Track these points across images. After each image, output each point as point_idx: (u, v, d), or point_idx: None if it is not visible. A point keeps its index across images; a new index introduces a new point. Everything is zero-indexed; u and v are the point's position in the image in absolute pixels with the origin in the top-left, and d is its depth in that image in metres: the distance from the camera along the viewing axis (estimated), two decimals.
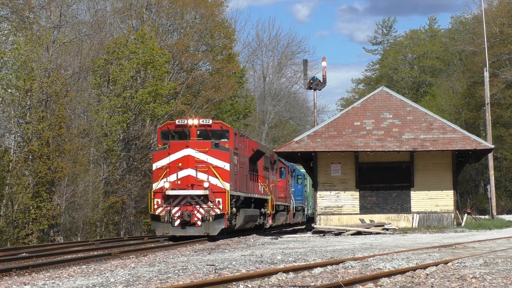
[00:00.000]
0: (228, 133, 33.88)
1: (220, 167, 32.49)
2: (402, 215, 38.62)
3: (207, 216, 31.98)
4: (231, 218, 33.83)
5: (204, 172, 32.33)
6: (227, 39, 63.27)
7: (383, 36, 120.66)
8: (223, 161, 32.58)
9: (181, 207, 32.18)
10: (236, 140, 34.48)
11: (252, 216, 38.45)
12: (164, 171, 32.45)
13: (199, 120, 33.69)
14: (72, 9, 47.72)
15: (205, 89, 60.43)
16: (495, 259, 19.16)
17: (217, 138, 33.51)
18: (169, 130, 33.86)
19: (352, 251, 23.01)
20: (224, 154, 32.69)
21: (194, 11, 59.59)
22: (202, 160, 32.44)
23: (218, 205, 32.23)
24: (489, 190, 55.35)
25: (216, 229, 32.07)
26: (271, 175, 46.11)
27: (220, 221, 32.10)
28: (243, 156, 36.35)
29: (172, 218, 32.07)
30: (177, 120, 33.93)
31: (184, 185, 32.29)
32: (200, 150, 32.48)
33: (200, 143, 32.83)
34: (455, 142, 37.92)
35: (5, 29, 39.43)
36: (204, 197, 32.22)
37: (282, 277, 15.01)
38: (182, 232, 32.10)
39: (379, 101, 39.96)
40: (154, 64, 49.44)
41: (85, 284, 14.87)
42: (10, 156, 37.13)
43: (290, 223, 54.59)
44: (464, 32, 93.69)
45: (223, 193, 32.28)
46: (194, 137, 33.28)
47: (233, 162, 33.50)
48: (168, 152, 32.67)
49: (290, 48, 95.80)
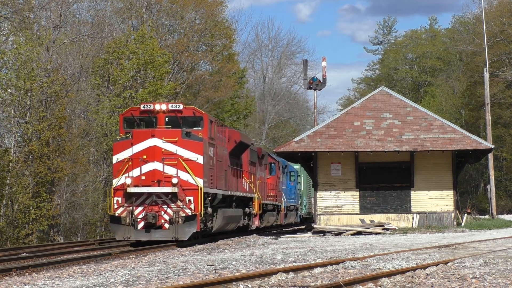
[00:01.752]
0: (202, 121, 29.49)
1: (192, 160, 28.15)
2: (402, 215, 38.62)
3: (176, 218, 27.63)
4: (206, 220, 29.75)
5: (172, 166, 27.97)
6: (227, 39, 63.30)
7: (383, 36, 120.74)
8: (196, 153, 28.27)
9: (146, 207, 27.82)
10: (212, 129, 30.25)
11: (233, 217, 34.33)
12: (126, 165, 28.14)
13: (168, 105, 29.31)
14: (72, 9, 47.75)
15: (205, 89, 60.45)
16: (495, 259, 19.16)
17: (189, 126, 29.17)
18: (133, 117, 29.43)
19: (352, 251, 23.01)
20: (196, 145, 28.36)
21: (194, 11, 59.61)
22: (170, 151, 28.08)
23: (189, 204, 27.84)
24: (489, 190, 55.35)
25: (186, 232, 27.70)
26: (259, 171, 41.99)
27: (191, 224, 27.70)
28: (222, 148, 32.27)
29: (134, 220, 27.69)
30: (142, 105, 29.57)
31: (149, 181, 27.90)
32: (168, 140, 28.17)
33: (168, 131, 28.55)
34: (455, 142, 37.91)
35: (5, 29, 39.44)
36: (172, 196, 27.86)
37: (282, 277, 15.01)
38: (147, 237, 27.77)
39: (379, 101, 39.96)
40: (154, 64, 49.42)
41: (85, 284, 14.87)
42: (10, 156, 37.14)
43: (282, 224, 50.40)
44: (464, 32, 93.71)
45: (195, 191, 27.90)
46: (162, 125, 29.04)
47: (208, 154, 29.30)
48: (131, 142, 28.31)
49: (290, 48, 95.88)
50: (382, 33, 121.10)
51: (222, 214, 31.82)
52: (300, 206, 57.56)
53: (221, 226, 32.14)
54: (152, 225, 27.66)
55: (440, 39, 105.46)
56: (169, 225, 27.65)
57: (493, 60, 73.42)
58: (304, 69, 57.40)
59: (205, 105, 60.09)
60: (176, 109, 29.19)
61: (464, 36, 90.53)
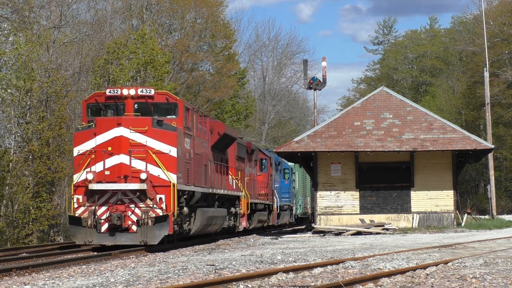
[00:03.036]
0: (177, 108, 26.05)
1: (164, 153, 24.96)
2: (402, 215, 38.63)
3: (145, 219, 24.46)
4: (182, 221, 26.69)
5: (141, 159, 24.80)
6: (227, 39, 63.33)
7: (383, 36, 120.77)
8: (168, 144, 25.06)
9: (110, 207, 24.64)
10: (188, 118, 26.89)
11: (216, 218, 31.02)
12: (88, 158, 25.02)
13: (137, 89, 25.92)
14: (72, 9, 47.76)
15: (205, 89, 60.44)
16: (495, 259, 19.16)
17: (162, 113, 25.94)
18: (97, 104, 26.10)
19: (352, 251, 23.01)
20: (169, 135, 25.14)
21: (194, 11, 59.63)
22: (139, 143, 24.91)
23: (160, 203, 24.73)
24: (489, 190, 55.34)
25: (157, 236, 24.53)
26: (248, 168, 39.08)
27: (162, 226, 24.52)
28: (202, 141, 29.03)
29: (97, 222, 24.56)
30: (108, 90, 26.13)
31: (115, 176, 24.77)
32: (136, 130, 24.99)
33: (137, 120, 25.29)
34: (455, 142, 37.92)
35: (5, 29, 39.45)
36: (141, 193, 24.70)
37: (282, 277, 15.01)
38: (111, 241, 24.71)
39: (379, 101, 39.97)
40: (154, 64, 49.41)
41: (85, 284, 14.87)
42: (10, 156, 37.13)
43: (274, 225, 47.30)
44: (464, 32, 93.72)
45: (167, 188, 24.74)
46: (130, 112, 25.73)
47: (183, 146, 26.10)
48: (94, 132, 25.18)
49: (290, 48, 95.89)
50: (382, 33, 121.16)
51: (202, 215, 28.59)
52: (294, 205, 55.06)
53: (201, 228, 28.93)
54: (118, 227, 24.52)
55: (440, 39, 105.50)
56: (137, 227, 24.54)
57: (493, 60, 73.41)
58: (304, 69, 57.40)
59: (205, 105, 60.09)
60: (146, 94, 25.88)
61: (464, 36, 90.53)
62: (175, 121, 25.74)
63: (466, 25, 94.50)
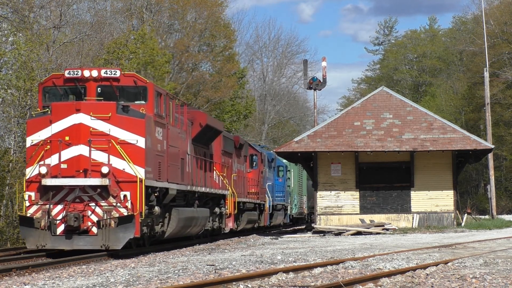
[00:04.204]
0: (146, 92, 23.03)
1: (130, 143, 21.96)
2: (402, 215, 38.63)
3: (107, 220, 21.48)
4: (154, 222, 24.00)
5: (103, 151, 21.82)
6: (227, 39, 63.35)
7: (384, 37, 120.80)
8: (135, 133, 22.07)
9: (67, 206, 21.60)
10: (161, 104, 23.83)
11: (196, 219, 28.05)
12: (42, 150, 22.00)
13: (101, 70, 23.03)
14: (72, 9, 47.78)
15: (205, 89, 60.45)
16: (495, 259, 19.16)
17: (129, 98, 23.08)
18: (55, 87, 23.18)
19: (352, 251, 23.02)
20: (136, 123, 22.15)
21: (194, 11, 59.65)
22: (101, 131, 21.92)
23: (124, 201, 21.66)
24: (489, 190, 55.35)
25: (121, 239, 21.52)
26: (236, 164, 36.61)
27: (127, 228, 21.51)
28: (179, 131, 26.07)
29: (52, 223, 21.50)
30: (67, 71, 23.12)
31: (72, 170, 21.76)
32: (98, 116, 21.95)
33: (99, 105, 22.26)
34: (455, 142, 37.93)
35: (5, 29, 39.46)
36: (102, 190, 21.69)
37: (282, 277, 15.01)
38: (67, 245, 21.61)
39: (379, 101, 39.97)
40: (154, 64, 49.43)
41: (85, 284, 14.87)
42: (10, 156, 37.14)
43: (266, 226, 44.55)
44: (465, 31, 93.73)
45: (133, 183, 21.67)
46: (92, 96, 22.78)
47: (154, 136, 23.14)
48: (50, 119, 22.12)
49: (290, 48, 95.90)
50: (383, 34, 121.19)
51: (178, 215, 25.60)
52: (289, 205, 52.47)
53: (178, 230, 26.08)
54: (75, 229, 21.50)
55: (440, 39, 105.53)
56: (97, 229, 21.51)
57: (493, 60, 73.42)
58: (304, 69, 57.40)
59: (205, 105, 60.10)
60: (111, 76, 22.94)
61: (464, 36, 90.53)
62: (144, 107, 22.85)
63: (467, 25, 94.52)
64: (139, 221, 21.83)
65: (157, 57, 49.86)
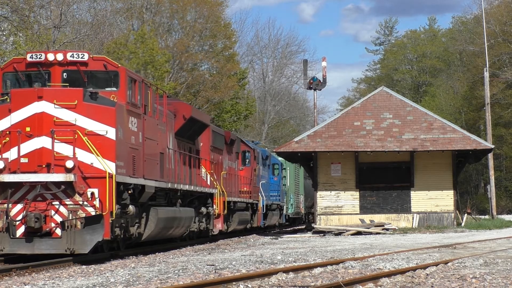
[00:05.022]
0: (118, 77, 20.77)
1: (99, 134, 19.67)
2: (402, 215, 38.63)
3: (72, 220, 19.13)
4: (128, 223, 21.75)
5: (69, 143, 19.50)
6: (227, 39, 63.37)
7: (385, 37, 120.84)
8: (105, 123, 19.71)
9: (27, 205, 19.23)
10: (135, 92, 21.49)
11: (178, 219, 25.77)
12: (0, 142, 19.74)
13: (67, 53, 20.73)
14: (72, 9, 47.80)
15: (205, 89, 60.46)
16: (495, 259, 19.17)
17: (99, 85, 20.86)
18: (16, 72, 20.91)
19: (352, 251, 23.02)
20: (106, 112, 19.78)
21: (194, 11, 59.66)
22: (66, 121, 19.57)
23: (92, 199, 19.37)
24: (489, 190, 55.36)
25: (88, 242, 19.11)
26: (227, 161, 34.68)
27: (94, 229, 19.09)
28: (158, 123, 23.78)
29: (11, 224, 19.11)
30: (29, 55, 20.86)
31: (34, 165, 19.45)
32: (63, 104, 19.58)
33: (64, 92, 19.91)
34: (455, 142, 37.94)
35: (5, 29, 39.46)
36: (67, 186, 19.32)
37: (282, 277, 15.01)
38: (28, 249, 19.20)
39: (379, 101, 39.98)
40: (154, 64, 49.42)
41: (85, 284, 14.87)
42: None
43: (259, 226, 42.51)
44: (465, 31, 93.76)
45: (102, 179, 19.34)
46: (57, 82, 20.55)
47: (126, 127, 20.76)
48: (9, 108, 19.80)
49: (290, 48, 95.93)
50: (383, 34, 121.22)
51: (157, 215, 23.27)
52: (285, 204, 50.39)
53: (158, 232, 23.87)
54: (37, 230, 19.10)
55: (440, 39, 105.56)
56: (62, 231, 19.10)
57: (493, 60, 73.41)
58: (304, 69, 57.42)
59: (205, 105, 60.12)
60: (78, 60, 20.65)
61: (464, 36, 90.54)
62: (115, 95, 20.52)
63: (466, 25, 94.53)
64: (109, 221, 19.45)
65: (157, 57, 49.86)
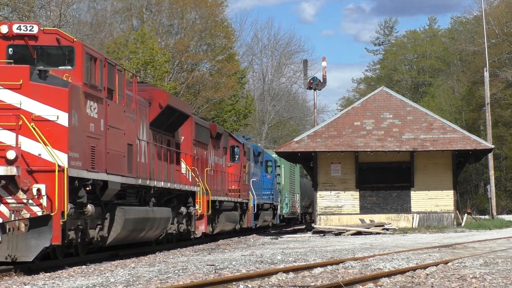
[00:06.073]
0: (73, 54, 17.75)
1: (49, 120, 16.73)
2: (402, 215, 38.63)
3: (15, 222, 16.37)
4: (87, 225, 18.79)
5: (11, 129, 16.72)
6: (226, 39, 63.40)
7: (384, 37, 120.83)
8: (55, 107, 16.75)
9: None
10: (95, 72, 18.54)
11: (151, 220, 22.83)
12: None
13: (12, 25, 17.95)
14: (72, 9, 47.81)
15: (205, 89, 60.47)
16: (495, 259, 19.16)
17: (50, 62, 17.91)
18: None
19: (352, 251, 23.02)
20: (57, 94, 16.81)
21: (194, 11, 59.68)
22: (8, 104, 16.82)
23: (39, 197, 16.50)
24: (489, 190, 55.36)
25: (33, 248, 16.43)
26: (213, 156, 32.05)
27: (41, 233, 16.30)
28: (126, 110, 20.73)
29: None
30: None
31: None
32: (5, 85, 16.86)
33: (7, 70, 17.11)
34: (455, 142, 37.94)
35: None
36: (8, 181, 16.55)
37: (282, 277, 15.00)
38: None
39: (379, 101, 39.98)
40: (154, 64, 49.43)
41: (85, 284, 14.86)
42: None
43: (250, 227, 39.80)
44: (464, 32, 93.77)
45: (51, 173, 16.42)
46: (1, 59, 17.77)
47: (83, 112, 17.74)
48: None
49: (290, 47, 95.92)
50: (383, 34, 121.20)
51: (124, 216, 20.32)
52: (279, 204, 47.71)
53: (126, 235, 20.97)
54: None
55: (440, 39, 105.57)
56: (1, 234, 16.39)
57: (493, 60, 73.42)
58: (304, 69, 57.41)
59: (205, 105, 60.13)
60: (26, 33, 17.81)
61: (464, 36, 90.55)
62: (69, 74, 17.62)
63: (466, 25, 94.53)
64: (60, 223, 16.56)
65: (157, 57, 49.86)
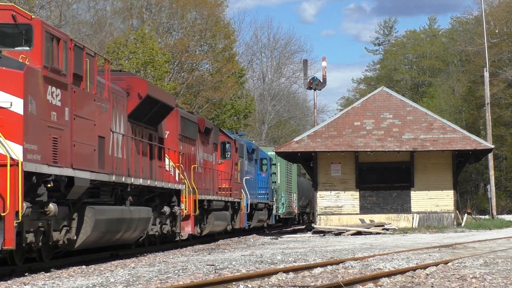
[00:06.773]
0: (31, 32, 15.66)
1: (1, 107, 14.81)
2: (402, 215, 38.63)
3: None
4: (50, 227, 16.81)
5: None
6: (226, 39, 63.42)
7: (384, 37, 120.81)
8: (8, 92, 14.81)
9: None
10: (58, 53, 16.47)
11: (128, 221, 20.64)
12: None
13: None
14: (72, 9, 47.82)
15: (205, 89, 60.48)
16: (495, 259, 19.16)
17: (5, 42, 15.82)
18: None
19: (352, 251, 23.02)
20: (10, 77, 14.87)
21: (194, 10, 59.69)
22: None
23: None
24: (489, 190, 55.37)
25: None
26: (202, 152, 30.19)
27: None
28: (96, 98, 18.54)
29: None
30: None
31: None
32: None
33: None
34: (455, 142, 37.94)
35: None
36: None
37: (282, 277, 15.00)
38: None
39: (379, 101, 39.98)
40: (154, 64, 49.43)
41: (85, 284, 14.86)
42: None
43: (243, 228, 38.04)
44: (464, 32, 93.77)
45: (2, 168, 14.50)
46: None
47: (43, 98, 15.71)
48: None
49: (289, 47, 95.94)
50: (382, 34, 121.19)
51: (95, 216, 18.29)
52: (275, 203, 46.04)
53: (98, 237, 18.94)
54: None
55: (440, 39, 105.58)
56: None
57: (493, 59, 73.42)
58: (304, 69, 57.41)
59: (205, 105, 60.14)
60: None
61: (464, 36, 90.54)
62: (26, 55, 15.62)
63: (466, 25, 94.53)
64: (14, 225, 14.70)
65: (157, 57, 49.86)
